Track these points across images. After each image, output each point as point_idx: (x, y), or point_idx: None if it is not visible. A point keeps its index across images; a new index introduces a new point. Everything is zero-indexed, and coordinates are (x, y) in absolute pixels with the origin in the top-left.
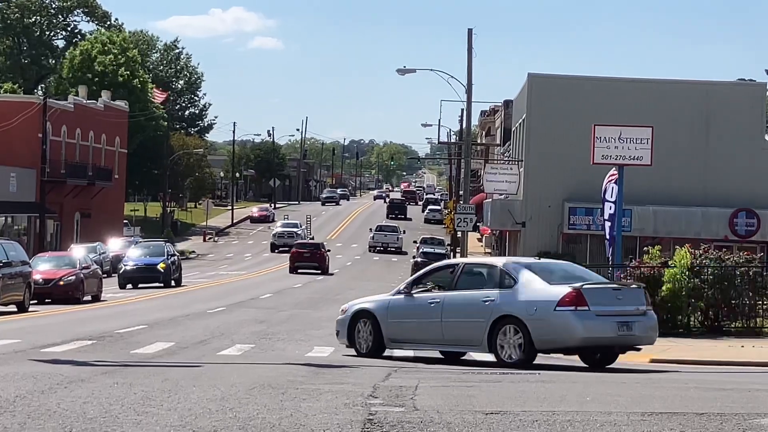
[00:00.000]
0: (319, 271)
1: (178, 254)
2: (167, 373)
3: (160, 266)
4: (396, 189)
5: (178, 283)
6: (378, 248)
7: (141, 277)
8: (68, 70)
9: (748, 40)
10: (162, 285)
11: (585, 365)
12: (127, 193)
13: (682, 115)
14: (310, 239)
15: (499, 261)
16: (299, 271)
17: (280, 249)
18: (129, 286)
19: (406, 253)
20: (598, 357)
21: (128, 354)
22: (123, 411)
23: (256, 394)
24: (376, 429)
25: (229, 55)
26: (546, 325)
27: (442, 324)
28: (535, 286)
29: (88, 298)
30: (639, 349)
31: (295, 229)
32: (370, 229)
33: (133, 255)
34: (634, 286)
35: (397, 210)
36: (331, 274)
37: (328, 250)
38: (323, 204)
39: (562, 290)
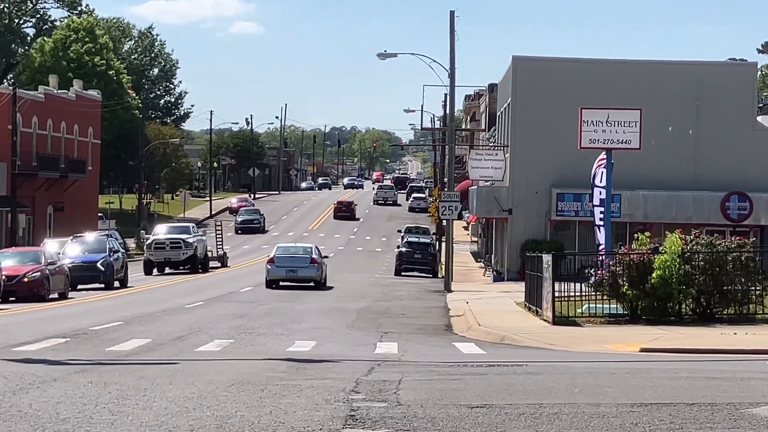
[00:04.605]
0: (351, 218)
1: (124, 250)
2: (143, 370)
3: (100, 264)
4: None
5: (123, 284)
6: (380, 202)
7: (78, 276)
8: (39, 59)
9: (739, 19)
10: (103, 286)
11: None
12: (102, 186)
13: (671, 97)
14: (220, 254)
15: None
16: (338, 216)
17: (159, 268)
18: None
19: (400, 205)
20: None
21: (103, 352)
22: (97, 411)
23: (234, 391)
24: (358, 425)
25: (208, 41)
26: (266, 271)
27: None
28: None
29: (55, 295)
30: (310, 282)
31: (183, 236)
32: (373, 188)
33: (72, 252)
34: (305, 256)
35: (400, 185)
36: (358, 219)
37: (356, 205)
38: (238, 232)
39: (269, 255)
